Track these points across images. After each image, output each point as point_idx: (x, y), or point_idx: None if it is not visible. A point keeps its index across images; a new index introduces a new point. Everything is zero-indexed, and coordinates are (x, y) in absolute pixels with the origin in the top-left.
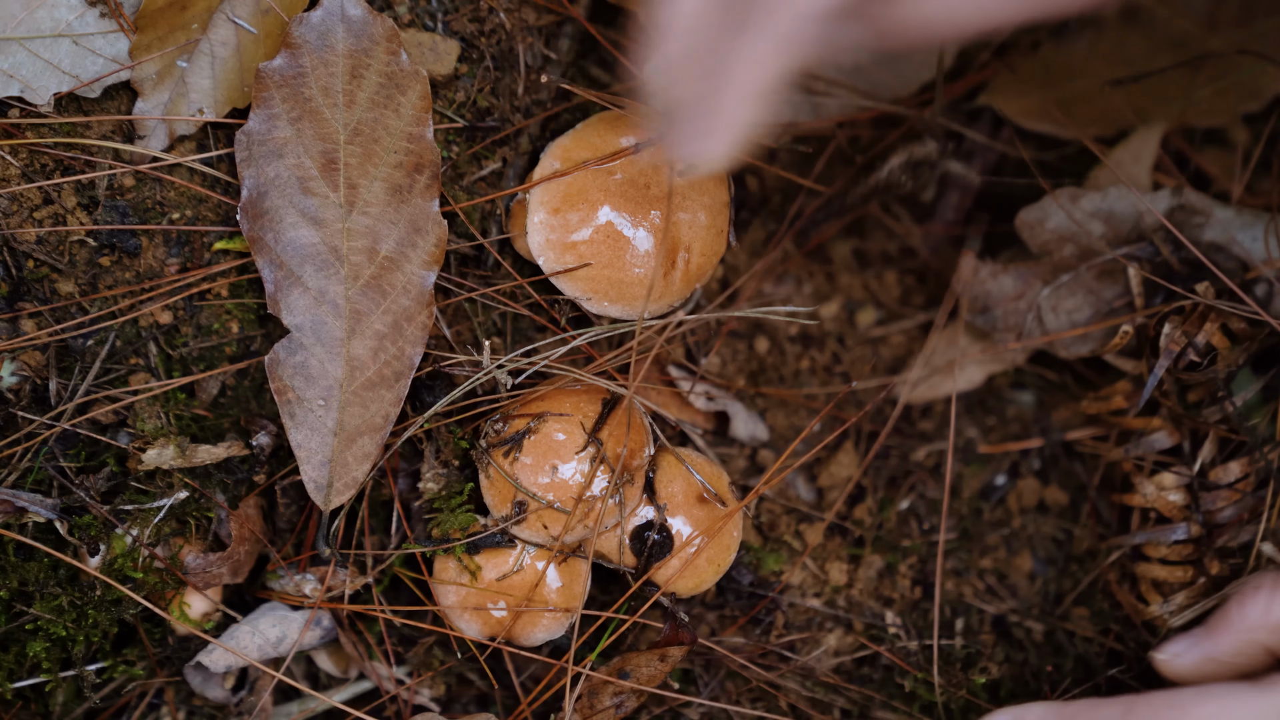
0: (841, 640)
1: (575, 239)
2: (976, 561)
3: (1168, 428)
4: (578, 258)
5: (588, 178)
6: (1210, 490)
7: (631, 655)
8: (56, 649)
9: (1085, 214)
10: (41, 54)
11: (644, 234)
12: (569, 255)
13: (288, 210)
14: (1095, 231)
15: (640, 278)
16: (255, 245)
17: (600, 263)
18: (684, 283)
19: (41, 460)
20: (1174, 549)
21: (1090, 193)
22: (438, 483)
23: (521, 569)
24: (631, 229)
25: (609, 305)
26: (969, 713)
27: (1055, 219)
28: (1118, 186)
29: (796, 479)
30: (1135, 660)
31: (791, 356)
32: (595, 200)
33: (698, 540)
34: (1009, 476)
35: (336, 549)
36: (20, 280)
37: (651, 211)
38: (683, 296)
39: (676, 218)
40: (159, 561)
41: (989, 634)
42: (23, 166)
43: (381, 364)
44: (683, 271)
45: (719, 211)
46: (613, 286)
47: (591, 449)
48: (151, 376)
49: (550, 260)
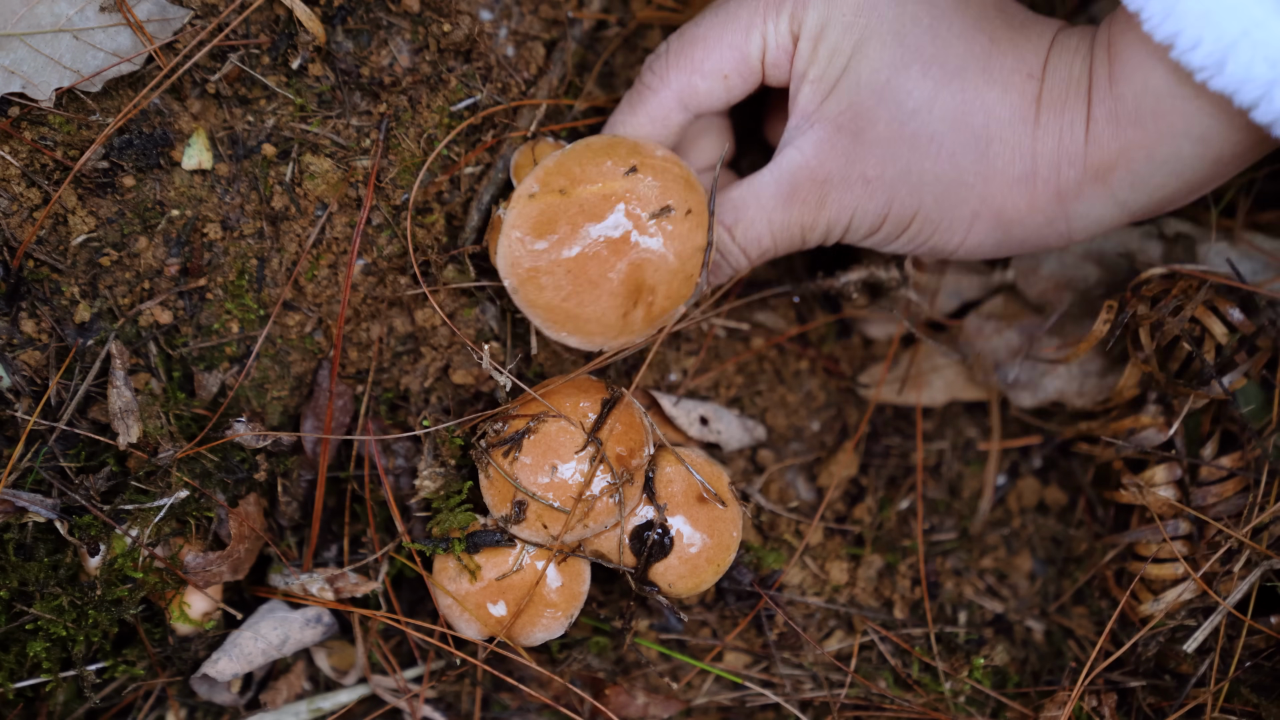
0: (843, 641)
1: (538, 265)
2: (976, 561)
3: (1157, 424)
4: (538, 288)
5: (562, 206)
6: (1201, 486)
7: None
8: (56, 649)
9: (1076, 258)
10: (43, 50)
11: (610, 274)
12: (531, 283)
13: None
14: (1090, 276)
15: (597, 315)
16: None
17: (561, 295)
18: (645, 322)
19: (41, 460)
20: (1165, 546)
21: None
22: (435, 482)
23: (521, 568)
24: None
25: (567, 336)
26: (971, 704)
27: (1048, 265)
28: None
29: (796, 479)
30: (1134, 659)
31: (791, 356)
32: (564, 232)
33: (698, 540)
34: (1009, 476)
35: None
36: (20, 280)
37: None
38: (645, 335)
39: (644, 259)
40: (159, 561)
41: (989, 629)
42: (23, 166)
43: None
44: (644, 312)
45: (690, 256)
46: (570, 319)
47: (591, 448)
48: (151, 376)
49: (513, 283)
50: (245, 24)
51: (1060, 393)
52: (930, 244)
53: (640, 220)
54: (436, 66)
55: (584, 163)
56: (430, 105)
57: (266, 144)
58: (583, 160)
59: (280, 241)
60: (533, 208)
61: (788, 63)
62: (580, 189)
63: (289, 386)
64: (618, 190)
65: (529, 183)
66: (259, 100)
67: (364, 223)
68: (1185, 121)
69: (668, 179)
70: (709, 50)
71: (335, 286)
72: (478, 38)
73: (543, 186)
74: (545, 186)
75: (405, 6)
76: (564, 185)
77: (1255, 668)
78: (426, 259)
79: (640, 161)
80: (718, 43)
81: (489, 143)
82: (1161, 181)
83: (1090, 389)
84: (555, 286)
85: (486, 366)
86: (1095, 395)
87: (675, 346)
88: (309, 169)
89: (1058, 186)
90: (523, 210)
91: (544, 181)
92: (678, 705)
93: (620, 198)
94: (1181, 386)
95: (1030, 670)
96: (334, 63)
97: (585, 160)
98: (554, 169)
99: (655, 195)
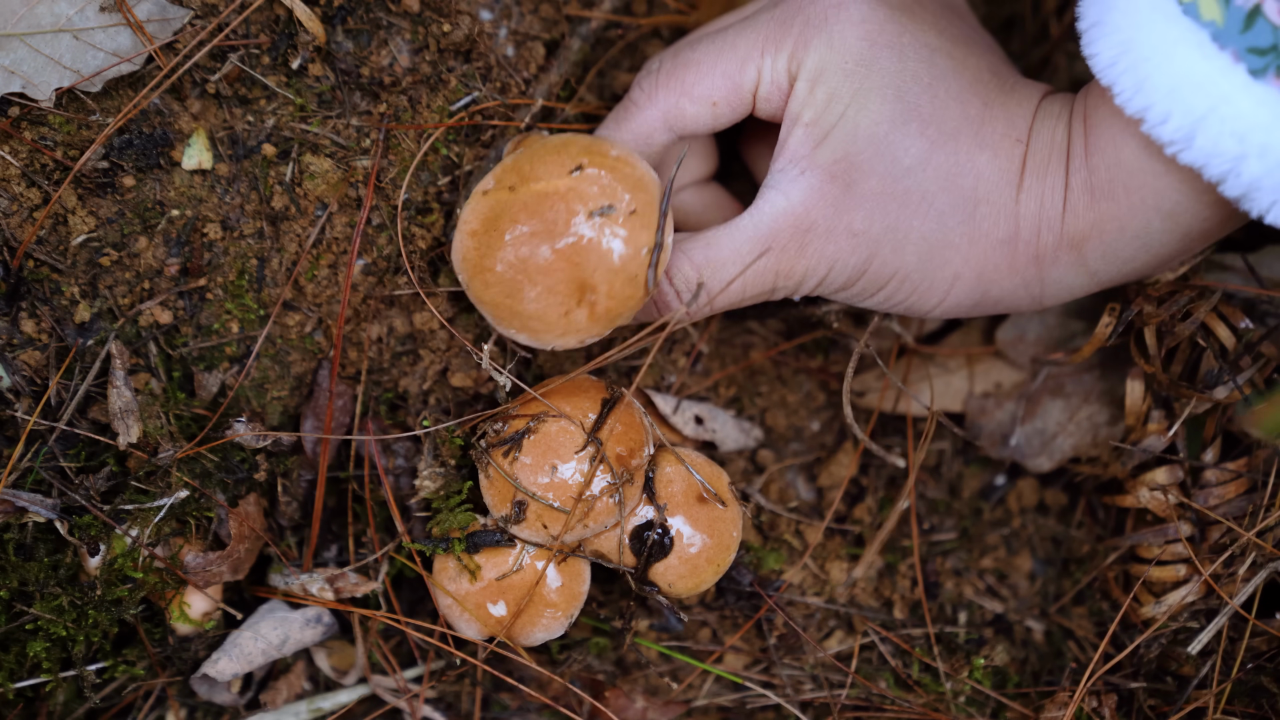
0: (843, 641)
1: (485, 263)
2: (976, 561)
3: (1161, 430)
4: (484, 284)
5: (509, 203)
6: (1204, 488)
7: None
8: (56, 649)
9: (1059, 316)
10: (43, 50)
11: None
12: (478, 279)
13: None
14: (1076, 331)
15: (538, 312)
16: None
17: (504, 291)
18: (591, 321)
19: (41, 460)
20: (1167, 549)
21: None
22: (435, 482)
23: (521, 568)
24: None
25: (515, 333)
26: (970, 704)
27: (1033, 329)
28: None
29: (796, 479)
30: (1135, 661)
31: (789, 356)
32: (508, 229)
33: (698, 540)
34: (1009, 476)
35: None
36: (20, 280)
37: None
38: (597, 334)
39: (581, 259)
40: (159, 561)
41: (990, 629)
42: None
43: None
44: (588, 312)
45: (633, 257)
46: (515, 316)
47: (591, 448)
48: (151, 376)
49: (464, 278)
50: (245, 24)
51: (1075, 449)
52: (906, 304)
53: (580, 218)
54: (436, 66)
55: (535, 160)
56: (430, 105)
57: (266, 144)
58: (535, 157)
59: (280, 241)
60: (484, 205)
61: (780, 100)
62: (527, 186)
63: (289, 386)
64: (560, 188)
65: (486, 179)
66: (259, 100)
67: (364, 223)
68: (1156, 196)
69: (616, 177)
70: (701, 76)
71: (335, 286)
72: (478, 38)
73: (497, 183)
74: (499, 183)
75: (405, 6)
76: (514, 183)
77: (1257, 669)
78: (427, 259)
79: (590, 160)
80: (710, 70)
81: (486, 140)
82: (1131, 254)
83: (1103, 438)
84: (499, 283)
85: (486, 367)
86: (1109, 444)
87: (668, 350)
88: (309, 169)
89: (1036, 250)
90: (474, 207)
91: (499, 178)
92: (677, 709)
93: (563, 196)
94: (1185, 389)
95: (1030, 671)
96: (334, 63)
97: (538, 158)
98: (510, 166)
99: (598, 193)
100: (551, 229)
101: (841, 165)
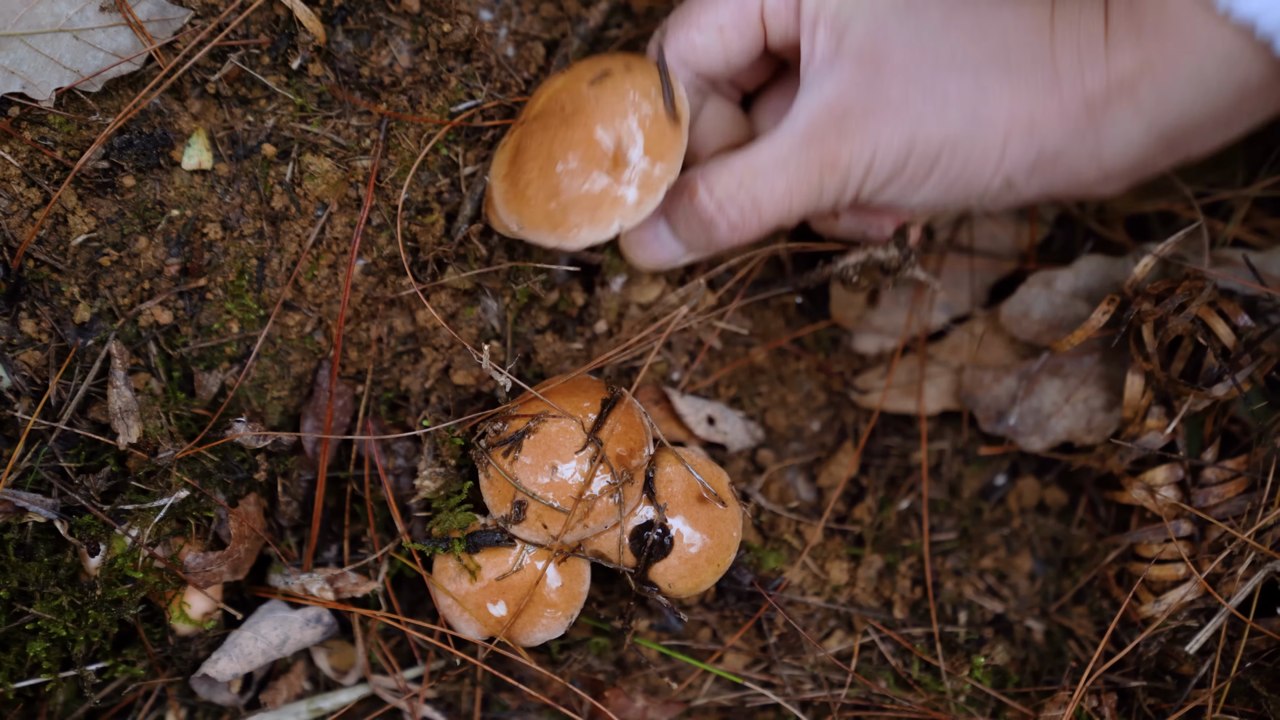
0: (843, 641)
1: (519, 184)
2: (976, 561)
3: (1160, 427)
4: (524, 200)
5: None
6: (1204, 487)
7: None
8: (56, 649)
9: (1065, 296)
10: (43, 50)
11: (573, 145)
12: (517, 199)
13: None
14: (1082, 314)
15: (574, 199)
16: None
17: (543, 194)
18: (642, 188)
19: (41, 460)
20: (1167, 547)
21: (1062, 272)
22: (435, 482)
23: (521, 568)
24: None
25: (561, 235)
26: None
27: (1039, 307)
28: (1084, 258)
29: (796, 479)
30: (1134, 660)
31: (790, 356)
32: (530, 144)
33: (698, 540)
34: (1009, 476)
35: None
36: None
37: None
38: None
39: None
40: (159, 561)
41: (990, 629)
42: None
43: None
44: (640, 177)
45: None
46: (556, 214)
47: (591, 448)
48: (151, 376)
49: (506, 211)
50: (245, 24)
51: (1069, 432)
52: (963, 180)
53: (584, 86)
54: (436, 66)
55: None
56: (430, 105)
57: (266, 144)
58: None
59: (280, 241)
60: (507, 151)
61: (788, 14)
62: (533, 108)
63: (289, 386)
64: (560, 83)
65: (504, 138)
66: (259, 100)
67: (364, 223)
68: (1209, 40)
69: (611, 59)
70: (705, 4)
71: (335, 286)
72: (478, 38)
73: (510, 134)
74: (512, 131)
75: (405, 6)
76: (524, 117)
77: (1256, 668)
78: (427, 258)
79: (598, 64)
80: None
81: (486, 140)
82: (1189, 98)
83: (1098, 424)
84: (535, 193)
85: (486, 367)
86: (1104, 430)
87: (671, 346)
88: (309, 169)
89: (1084, 94)
90: (500, 157)
91: (513, 129)
92: (677, 708)
93: (564, 88)
94: (1184, 386)
95: (1030, 670)
96: (334, 63)
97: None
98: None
99: (592, 64)
100: (561, 111)
101: (867, 47)
